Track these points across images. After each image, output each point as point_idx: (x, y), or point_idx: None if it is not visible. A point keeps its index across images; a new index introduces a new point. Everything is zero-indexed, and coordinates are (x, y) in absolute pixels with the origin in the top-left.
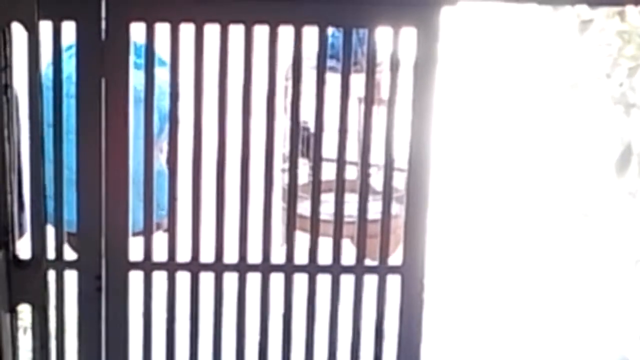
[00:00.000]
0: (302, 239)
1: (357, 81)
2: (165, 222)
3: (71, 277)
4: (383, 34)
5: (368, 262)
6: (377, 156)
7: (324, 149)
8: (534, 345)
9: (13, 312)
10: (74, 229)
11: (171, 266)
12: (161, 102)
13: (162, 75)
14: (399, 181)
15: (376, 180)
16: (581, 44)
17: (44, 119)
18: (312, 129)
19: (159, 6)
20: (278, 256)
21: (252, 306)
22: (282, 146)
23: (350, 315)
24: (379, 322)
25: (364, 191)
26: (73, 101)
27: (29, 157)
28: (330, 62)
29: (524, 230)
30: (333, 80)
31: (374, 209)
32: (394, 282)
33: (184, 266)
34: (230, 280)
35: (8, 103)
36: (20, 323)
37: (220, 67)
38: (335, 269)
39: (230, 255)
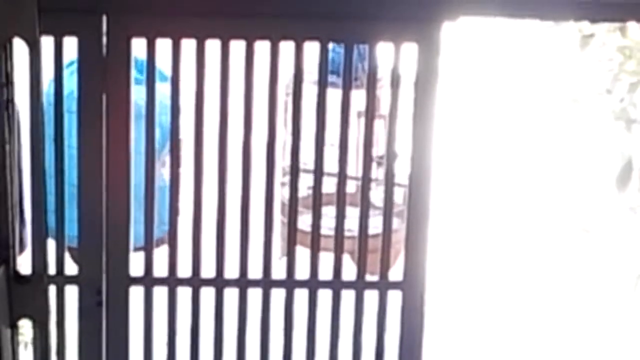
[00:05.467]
0: (301, 254)
1: (358, 97)
2: (166, 237)
3: (72, 292)
4: (384, 50)
5: (369, 277)
6: (377, 171)
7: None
8: None
9: (14, 327)
10: (74, 244)
11: (172, 281)
12: (162, 116)
13: (163, 90)
14: (398, 196)
15: (375, 195)
16: (582, 59)
17: (46, 134)
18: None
19: (160, 22)
20: (279, 271)
21: (253, 321)
22: (281, 160)
23: (351, 331)
24: (380, 337)
25: (365, 206)
26: (74, 116)
27: (30, 172)
28: (330, 78)
29: (526, 245)
30: (333, 95)
31: (374, 224)
32: (394, 297)
33: (184, 281)
34: (231, 295)
35: (9, 118)
36: (21, 338)
37: (221, 82)
38: (336, 285)
39: (231, 271)
